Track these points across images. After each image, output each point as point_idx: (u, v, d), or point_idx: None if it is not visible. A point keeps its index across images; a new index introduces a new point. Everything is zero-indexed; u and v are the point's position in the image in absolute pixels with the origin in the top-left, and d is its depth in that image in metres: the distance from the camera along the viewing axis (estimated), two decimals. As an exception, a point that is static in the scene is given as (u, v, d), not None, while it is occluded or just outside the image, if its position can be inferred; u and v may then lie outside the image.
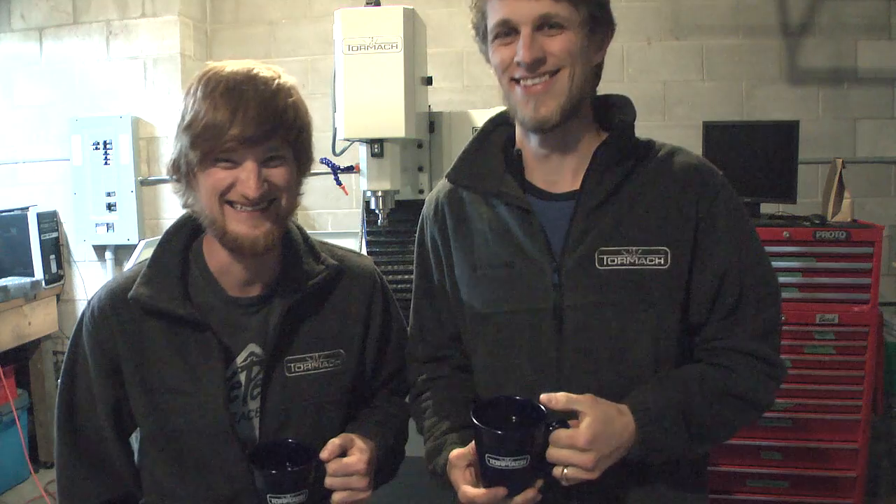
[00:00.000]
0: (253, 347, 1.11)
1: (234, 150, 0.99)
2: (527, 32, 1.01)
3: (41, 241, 3.33)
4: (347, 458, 1.04)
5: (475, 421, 0.95)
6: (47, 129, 3.51)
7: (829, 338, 2.42)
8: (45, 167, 3.53)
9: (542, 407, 0.97)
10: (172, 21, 3.35)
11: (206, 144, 0.99)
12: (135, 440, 1.19)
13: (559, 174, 1.10)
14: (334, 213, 3.56)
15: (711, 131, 2.62)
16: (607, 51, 1.10)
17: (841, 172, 2.51)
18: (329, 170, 2.18)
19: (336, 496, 1.05)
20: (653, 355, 1.06)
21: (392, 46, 1.77)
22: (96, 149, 3.38)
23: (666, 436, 1.01)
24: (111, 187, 3.39)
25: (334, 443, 1.04)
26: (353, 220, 3.42)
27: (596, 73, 1.10)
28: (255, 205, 1.02)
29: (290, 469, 1.01)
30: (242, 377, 1.11)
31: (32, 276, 3.30)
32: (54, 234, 3.45)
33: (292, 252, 1.15)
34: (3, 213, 3.37)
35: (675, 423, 1.02)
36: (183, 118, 1.01)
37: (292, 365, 1.12)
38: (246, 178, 1.00)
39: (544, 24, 1.01)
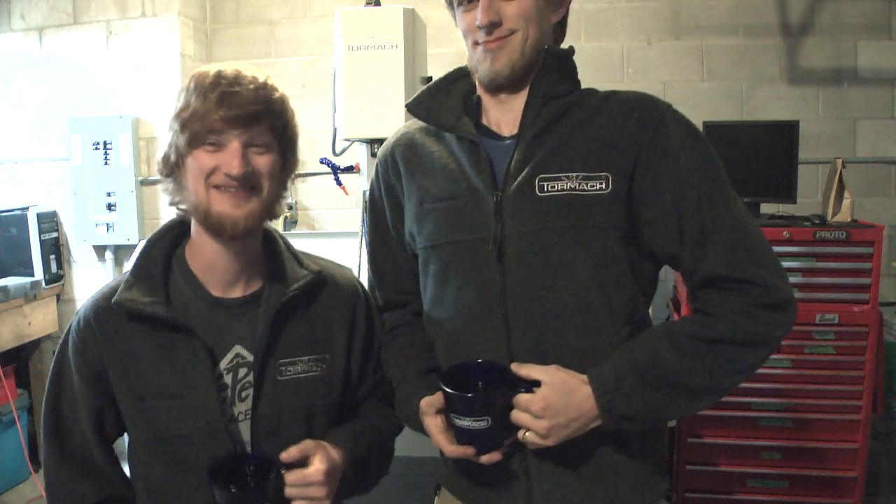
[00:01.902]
0: (239, 349, 1.11)
1: (221, 132, 1.03)
2: None
3: (41, 241, 3.33)
4: (306, 468, 1.05)
5: (440, 383, 1.00)
6: (47, 129, 3.50)
7: (829, 338, 2.42)
8: (44, 167, 3.53)
9: (514, 373, 1.02)
10: (172, 21, 3.35)
11: (194, 126, 1.03)
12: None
13: (512, 115, 1.14)
14: (334, 213, 3.56)
15: (711, 131, 2.62)
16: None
17: (841, 172, 2.51)
18: (329, 170, 2.18)
19: None
20: (597, 280, 1.05)
21: (392, 46, 1.77)
22: (96, 149, 3.38)
23: (630, 402, 1.00)
24: (111, 187, 3.39)
25: (292, 450, 1.06)
26: (353, 220, 3.42)
27: (559, 30, 1.16)
28: (238, 185, 1.04)
29: (251, 484, 1.01)
30: (229, 379, 1.11)
31: (32, 276, 3.30)
32: (54, 234, 3.44)
33: (276, 256, 1.16)
34: (3, 213, 3.37)
35: (639, 388, 1.00)
36: (175, 110, 1.06)
37: (283, 368, 1.12)
38: (229, 158, 1.03)
39: None
